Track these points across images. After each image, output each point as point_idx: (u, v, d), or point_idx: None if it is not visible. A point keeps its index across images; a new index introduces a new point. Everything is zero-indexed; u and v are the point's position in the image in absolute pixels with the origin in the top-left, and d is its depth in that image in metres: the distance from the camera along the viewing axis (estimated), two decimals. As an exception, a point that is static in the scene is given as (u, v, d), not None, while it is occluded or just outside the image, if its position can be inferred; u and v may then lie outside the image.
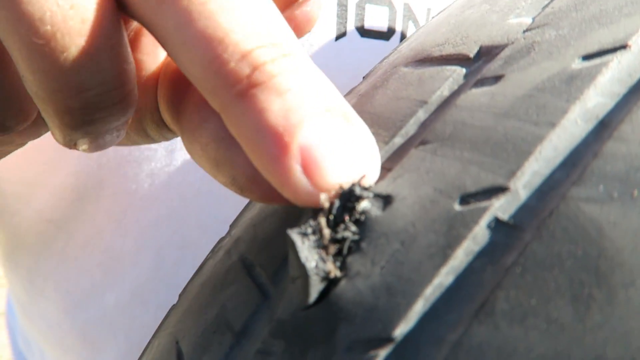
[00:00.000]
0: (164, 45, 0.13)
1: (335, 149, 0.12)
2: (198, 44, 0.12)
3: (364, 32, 0.43)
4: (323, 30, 0.39)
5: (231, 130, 0.13)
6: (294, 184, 0.12)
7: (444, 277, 0.10)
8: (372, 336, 0.10)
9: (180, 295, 0.18)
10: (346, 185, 0.12)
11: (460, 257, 0.10)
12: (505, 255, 0.10)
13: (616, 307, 0.08)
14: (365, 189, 0.12)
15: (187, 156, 0.36)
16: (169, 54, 0.13)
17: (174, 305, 0.18)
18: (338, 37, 0.41)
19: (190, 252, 0.36)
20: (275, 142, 0.12)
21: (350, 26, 0.42)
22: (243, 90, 0.12)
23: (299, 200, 0.12)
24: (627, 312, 0.08)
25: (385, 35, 0.44)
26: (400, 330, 0.10)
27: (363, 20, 0.42)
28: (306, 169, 0.12)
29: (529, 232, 0.10)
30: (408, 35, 0.46)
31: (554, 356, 0.08)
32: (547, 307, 0.08)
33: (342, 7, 0.41)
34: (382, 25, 0.44)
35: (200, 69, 0.12)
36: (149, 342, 0.18)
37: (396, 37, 0.45)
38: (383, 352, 0.10)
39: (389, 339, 0.10)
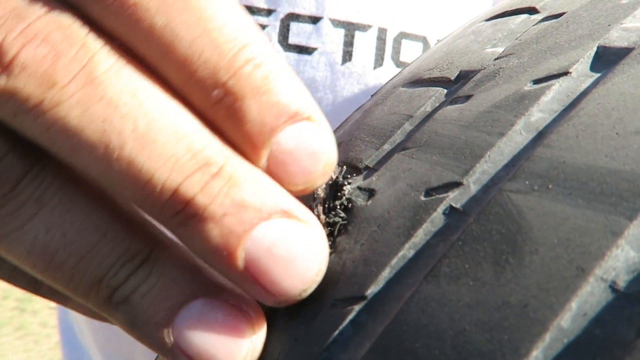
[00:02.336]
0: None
1: (280, 257, 0.13)
2: (124, 184, 0.12)
3: (399, 63, 0.46)
4: (362, 60, 0.44)
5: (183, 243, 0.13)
6: (253, 294, 0.13)
7: (407, 250, 0.13)
8: (350, 295, 0.13)
9: None
10: (334, 177, 0.15)
11: (420, 236, 0.13)
12: (453, 234, 0.12)
13: (523, 268, 0.11)
14: (347, 179, 0.15)
15: None
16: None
17: None
18: (376, 67, 0.45)
19: None
20: (224, 262, 0.12)
21: (387, 58, 0.46)
22: (181, 222, 0.12)
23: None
24: (530, 271, 0.10)
25: None
26: (371, 290, 0.13)
27: (399, 53, 0.46)
28: (257, 282, 0.13)
29: (472, 216, 0.12)
30: None
31: (475, 304, 0.11)
32: (475, 270, 0.11)
33: (381, 41, 0.45)
34: (416, 57, 0.48)
35: (138, 204, 0.13)
36: None
37: None
38: (357, 307, 0.13)
39: (362, 297, 0.13)
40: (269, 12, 0.44)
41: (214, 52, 0.12)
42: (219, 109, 0.12)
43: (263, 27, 0.45)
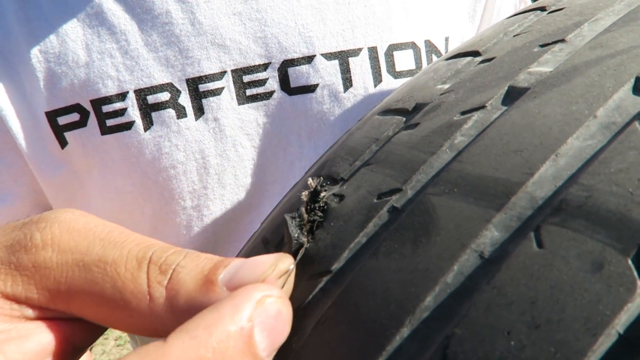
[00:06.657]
0: None
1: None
2: None
3: (396, 74, 0.49)
4: (363, 82, 0.47)
5: None
6: None
7: (361, 238, 0.18)
8: (321, 270, 0.18)
9: None
10: (313, 185, 0.20)
11: (370, 227, 0.18)
12: (392, 225, 0.17)
13: (430, 245, 0.15)
14: (324, 187, 0.20)
15: None
16: None
17: None
18: (376, 84, 0.48)
19: None
20: None
21: (384, 72, 0.48)
22: None
23: None
24: (434, 247, 0.15)
25: (414, 72, 0.50)
26: (335, 266, 0.18)
27: (394, 65, 0.49)
28: None
29: (406, 211, 0.17)
30: None
31: (397, 270, 0.16)
32: (401, 248, 0.16)
33: (374, 59, 0.48)
34: (410, 64, 0.50)
35: None
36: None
37: None
38: (325, 278, 0.18)
39: (329, 271, 0.18)
40: (265, 66, 0.46)
41: None
42: None
43: (264, 80, 0.46)
